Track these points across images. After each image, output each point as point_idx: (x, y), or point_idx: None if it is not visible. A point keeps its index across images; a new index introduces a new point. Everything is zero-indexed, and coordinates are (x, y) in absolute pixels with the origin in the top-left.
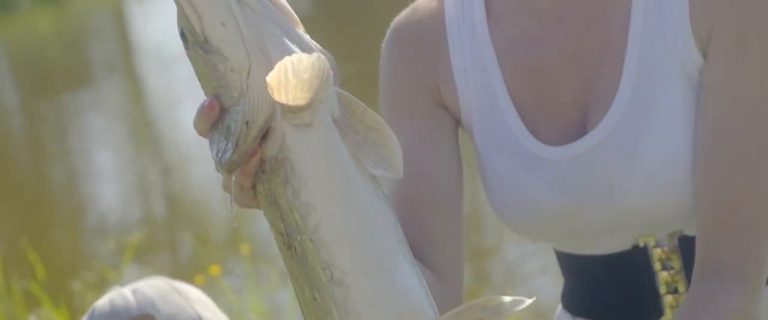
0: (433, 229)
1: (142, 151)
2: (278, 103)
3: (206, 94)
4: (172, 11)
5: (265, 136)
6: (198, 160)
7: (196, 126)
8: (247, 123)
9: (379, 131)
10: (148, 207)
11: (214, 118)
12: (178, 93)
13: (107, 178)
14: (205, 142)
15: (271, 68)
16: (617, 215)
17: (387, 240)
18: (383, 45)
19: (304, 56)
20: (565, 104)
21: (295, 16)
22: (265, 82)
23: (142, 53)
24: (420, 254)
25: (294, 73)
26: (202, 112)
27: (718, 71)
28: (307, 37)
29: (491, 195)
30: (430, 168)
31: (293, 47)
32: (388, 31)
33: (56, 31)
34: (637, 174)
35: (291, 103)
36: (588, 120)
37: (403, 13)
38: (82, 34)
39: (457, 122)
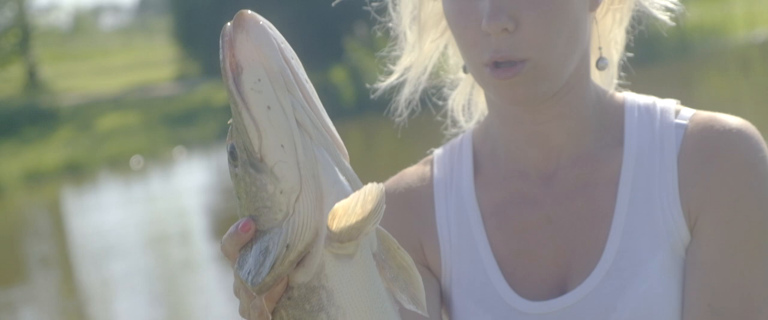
0: None
1: None
2: (329, 230)
3: (241, 215)
4: (110, 207)
5: (298, 262)
6: None
7: (224, 246)
8: (287, 246)
9: (408, 270)
10: None
11: (246, 239)
12: (113, 289)
13: None
14: None
15: (320, 195)
16: None
17: None
18: None
19: (373, 188)
20: (546, 263)
21: (344, 148)
22: (311, 207)
23: (78, 248)
24: None
25: (362, 204)
26: (237, 232)
27: (711, 246)
28: (351, 169)
29: None
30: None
31: (343, 178)
32: None
33: None
34: None
35: (346, 233)
36: (569, 279)
37: (391, 179)
38: (18, 229)
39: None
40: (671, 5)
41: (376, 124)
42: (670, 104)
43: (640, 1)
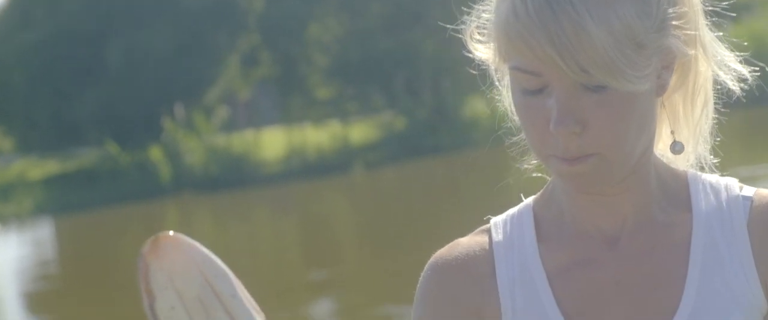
0: None
1: None
2: None
3: None
4: None
5: None
6: None
7: None
8: None
9: None
10: None
11: None
12: None
13: None
14: None
15: None
16: None
17: None
18: (421, 276)
19: None
20: None
21: None
22: None
23: None
24: None
25: None
26: None
27: None
28: None
29: None
30: None
31: None
32: (428, 264)
33: None
34: None
35: None
36: None
37: (445, 248)
38: None
39: None
40: (745, 74)
41: (192, 202)
42: (732, 179)
43: (709, 74)
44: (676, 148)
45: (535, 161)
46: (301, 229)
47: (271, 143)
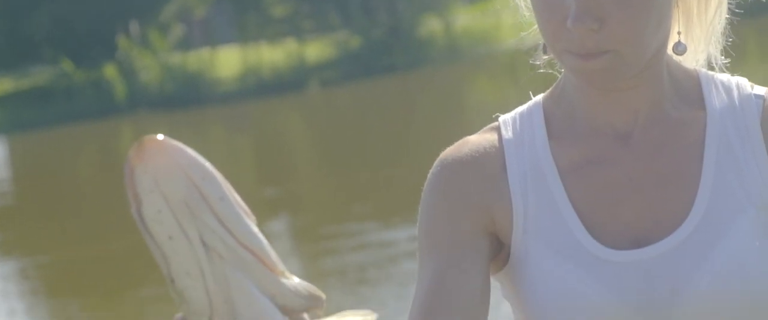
0: None
1: None
2: None
3: None
4: None
5: None
6: None
7: None
8: None
9: None
10: None
11: None
12: None
13: None
14: None
15: (233, 318)
16: None
17: None
18: (429, 174)
19: None
20: (626, 219)
21: (273, 259)
22: None
23: None
24: None
25: None
26: None
27: None
28: (286, 282)
29: (543, 302)
30: (457, 288)
31: (260, 297)
32: (437, 162)
33: None
34: (702, 285)
35: None
36: (651, 234)
37: (453, 146)
38: None
39: (498, 250)
40: None
41: (147, 120)
42: (743, 79)
43: None
44: (679, 48)
45: (547, 56)
46: (255, 147)
47: (227, 61)
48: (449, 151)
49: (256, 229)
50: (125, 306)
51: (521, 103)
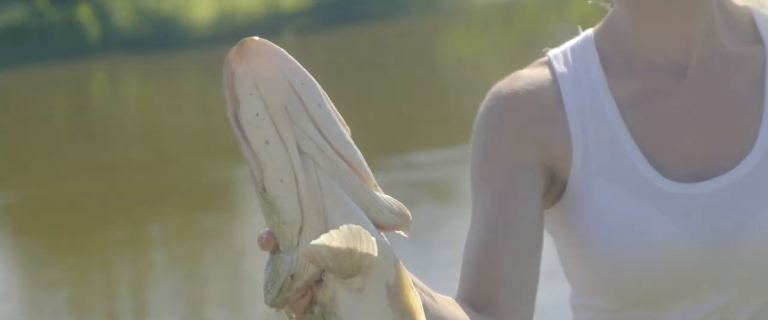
0: (507, 282)
1: None
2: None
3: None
4: None
5: (318, 280)
6: None
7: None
8: (291, 276)
9: (413, 315)
10: None
11: (270, 250)
12: None
13: None
14: None
15: (326, 229)
16: (736, 262)
17: None
18: (482, 107)
19: (343, 230)
20: (687, 152)
21: (368, 171)
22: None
23: None
24: (490, 303)
25: (347, 245)
26: (260, 242)
27: None
28: (379, 195)
29: (606, 235)
30: (515, 219)
31: (356, 211)
32: (489, 95)
33: None
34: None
35: (339, 272)
36: (713, 167)
37: (506, 79)
38: None
39: (554, 183)
40: None
41: (120, 62)
42: None
43: None
44: None
45: None
46: None
47: (201, 5)
48: (502, 85)
49: (350, 140)
50: (91, 248)
51: (498, 56)
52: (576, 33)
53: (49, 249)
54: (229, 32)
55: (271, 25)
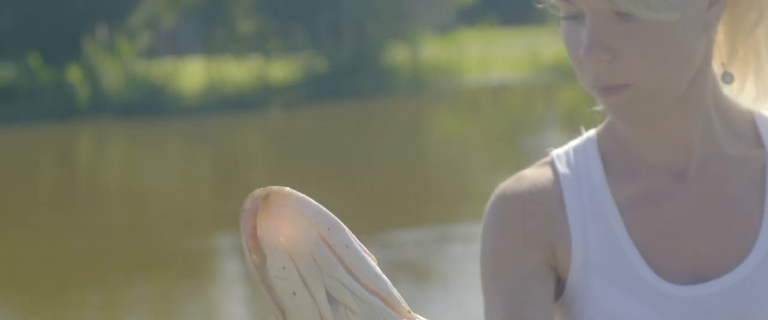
0: None
1: None
2: None
3: None
4: None
5: None
6: None
7: None
8: None
9: None
10: None
11: None
12: None
13: None
14: None
15: None
16: None
17: None
18: (488, 207)
19: None
20: (686, 255)
21: (398, 298)
22: None
23: None
24: None
25: None
26: None
27: None
28: None
29: None
30: (529, 316)
31: None
32: (496, 196)
33: None
34: None
35: None
36: (712, 270)
37: (511, 180)
38: None
39: (558, 284)
40: None
41: (108, 126)
42: None
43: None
44: (726, 78)
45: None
46: (214, 162)
47: (191, 74)
48: (507, 186)
49: (379, 270)
50: (66, 310)
51: (484, 139)
52: (579, 133)
53: (23, 307)
54: (218, 102)
55: (259, 98)
